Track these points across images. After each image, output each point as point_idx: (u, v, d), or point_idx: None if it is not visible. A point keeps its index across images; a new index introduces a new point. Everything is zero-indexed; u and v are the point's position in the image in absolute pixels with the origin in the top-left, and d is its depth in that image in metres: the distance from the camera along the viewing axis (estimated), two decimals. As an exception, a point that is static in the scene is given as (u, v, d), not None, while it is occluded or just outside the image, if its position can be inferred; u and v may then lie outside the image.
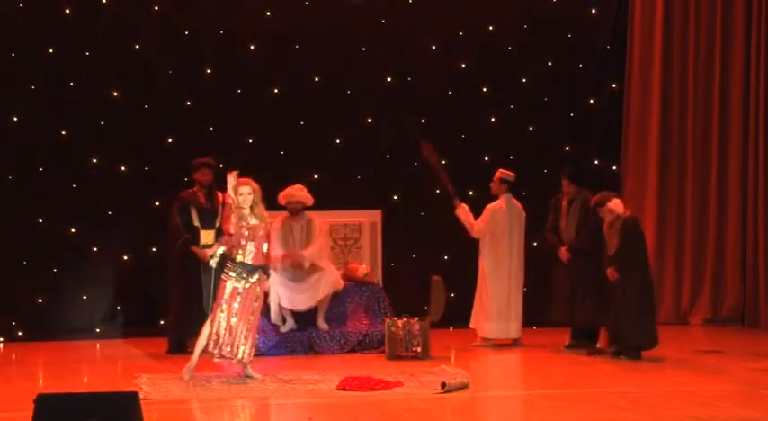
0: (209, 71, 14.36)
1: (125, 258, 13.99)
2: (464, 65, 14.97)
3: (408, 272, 14.50)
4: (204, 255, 11.79)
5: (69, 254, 13.83)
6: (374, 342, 12.50)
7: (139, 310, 14.03)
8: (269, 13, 14.53)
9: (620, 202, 11.93)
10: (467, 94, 14.93)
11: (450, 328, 13.86)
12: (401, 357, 11.90)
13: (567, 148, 15.14)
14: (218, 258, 10.63)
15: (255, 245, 10.38)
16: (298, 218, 12.68)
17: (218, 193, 12.38)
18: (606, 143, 15.31)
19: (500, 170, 13.15)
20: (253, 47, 14.50)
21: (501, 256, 12.95)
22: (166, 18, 14.25)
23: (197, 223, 12.38)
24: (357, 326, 12.70)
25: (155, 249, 13.91)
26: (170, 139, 14.20)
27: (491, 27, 14.99)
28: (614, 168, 15.25)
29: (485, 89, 15.02)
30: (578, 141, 15.19)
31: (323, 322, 12.59)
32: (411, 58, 14.83)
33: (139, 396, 7.34)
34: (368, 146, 14.69)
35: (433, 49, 14.88)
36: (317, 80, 14.61)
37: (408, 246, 14.58)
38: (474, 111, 14.96)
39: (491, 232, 12.94)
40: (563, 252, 12.53)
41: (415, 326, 11.98)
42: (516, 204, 13.07)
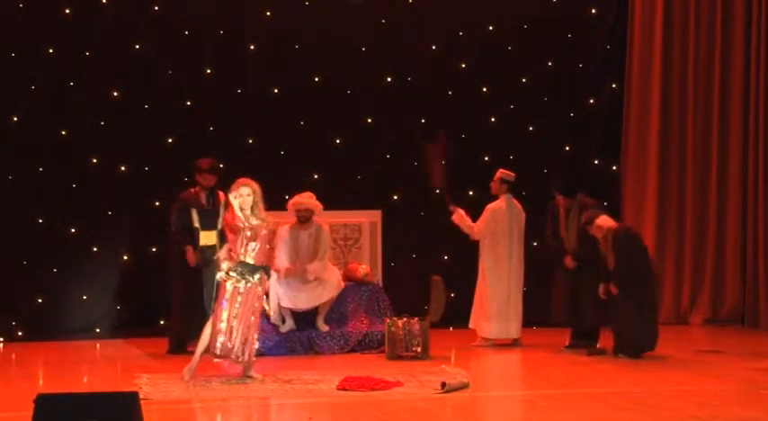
0: (209, 71, 14.36)
1: (125, 258, 14.00)
2: (464, 65, 14.97)
3: (408, 272, 14.50)
4: (192, 259, 12.10)
5: (69, 254, 13.82)
6: (374, 342, 12.50)
7: (139, 310, 14.03)
8: (269, 13, 14.53)
9: (607, 218, 11.96)
10: (467, 94, 14.93)
11: (451, 328, 13.86)
12: (401, 357, 11.90)
13: (567, 148, 15.15)
14: (224, 270, 10.53)
15: (257, 244, 10.38)
16: (306, 225, 12.63)
17: (219, 193, 12.37)
18: (606, 143, 15.31)
19: (500, 170, 13.14)
20: (253, 47, 14.50)
21: (501, 256, 12.94)
22: (166, 18, 14.24)
23: (197, 224, 12.36)
24: (357, 326, 12.69)
25: (155, 249, 13.92)
26: (170, 139, 14.20)
27: (491, 27, 14.99)
28: (614, 168, 15.26)
29: (485, 89, 15.02)
30: (578, 141, 15.20)
31: (323, 324, 12.58)
32: (411, 58, 14.83)
33: (139, 396, 7.33)
34: (368, 146, 14.69)
35: (433, 49, 14.88)
36: (316, 80, 14.61)
37: (408, 246, 14.57)
38: (474, 111, 14.95)
39: (491, 232, 12.94)
40: (569, 260, 12.50)
41: (415, 326, 11.98)
42: (516, 204, 13.07)
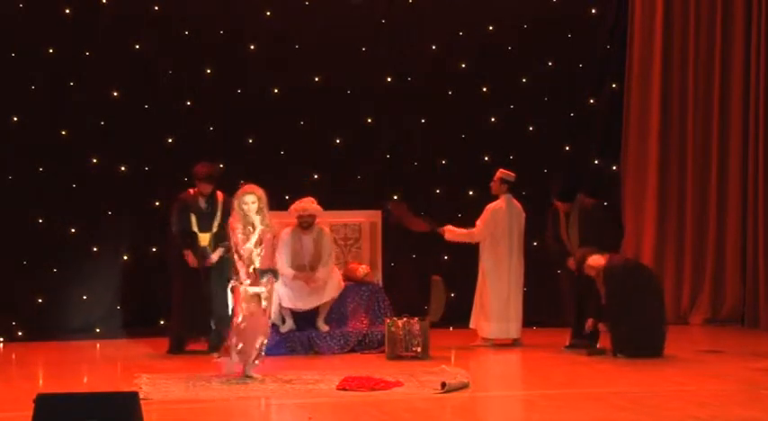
0: (209, 71, 14.35)
1: (125, 258, 13.99)
2: (464, 65, 14.95)
3: (408, 272, 14.48)
4: (191, 261, 12.10)
5: (69, 254, 13.82)
6: (374, 342, 12.49)
7: (139, 310, 14.02)
8: (269, 13, 14.52)
9: (597, 257, 11.97)
10: (467, 94, 14.91)
11: (451, 328, 13.85)
12: (401, 357, 11.89)
13: (567, 148, 15.14)
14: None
15: (262, 248, 10.45)
16: (309, 230, 12.66)
17: (218, 194, 12.36)
18: (606, 143, 15.29)
19: (500, 170, 13.13)
20: (253, 47, 14.50)
21: (501, 256, 12.93)
22: (166, 18, 14.23)
23: (195, 228, 12.34)
24: (357, 326, 12.69)
25: (155, 249, 13.92)
26: (170, 139, 14.19)
27: (491, 27, 14.98)
28: (614, 168, 15.25)
29: (485, 89, 15.01)
30: (578, 141, 15.19)
31: (323, 324, 12.58)
32: (411, 58, 14.82)
33: (139, 396, 7.34)
34: (368, 146, 14.68)
35: (433, 49, 14.86)
36: (317, 80, 14.60)
37: (408, 246, 14.55)
38: (474, 111, 14.94)
39: (491, 233, 12.93)
40: (571, 262, 12.48)
41: (415, 326, 11.98)
42: (516, 204, 13.05)
